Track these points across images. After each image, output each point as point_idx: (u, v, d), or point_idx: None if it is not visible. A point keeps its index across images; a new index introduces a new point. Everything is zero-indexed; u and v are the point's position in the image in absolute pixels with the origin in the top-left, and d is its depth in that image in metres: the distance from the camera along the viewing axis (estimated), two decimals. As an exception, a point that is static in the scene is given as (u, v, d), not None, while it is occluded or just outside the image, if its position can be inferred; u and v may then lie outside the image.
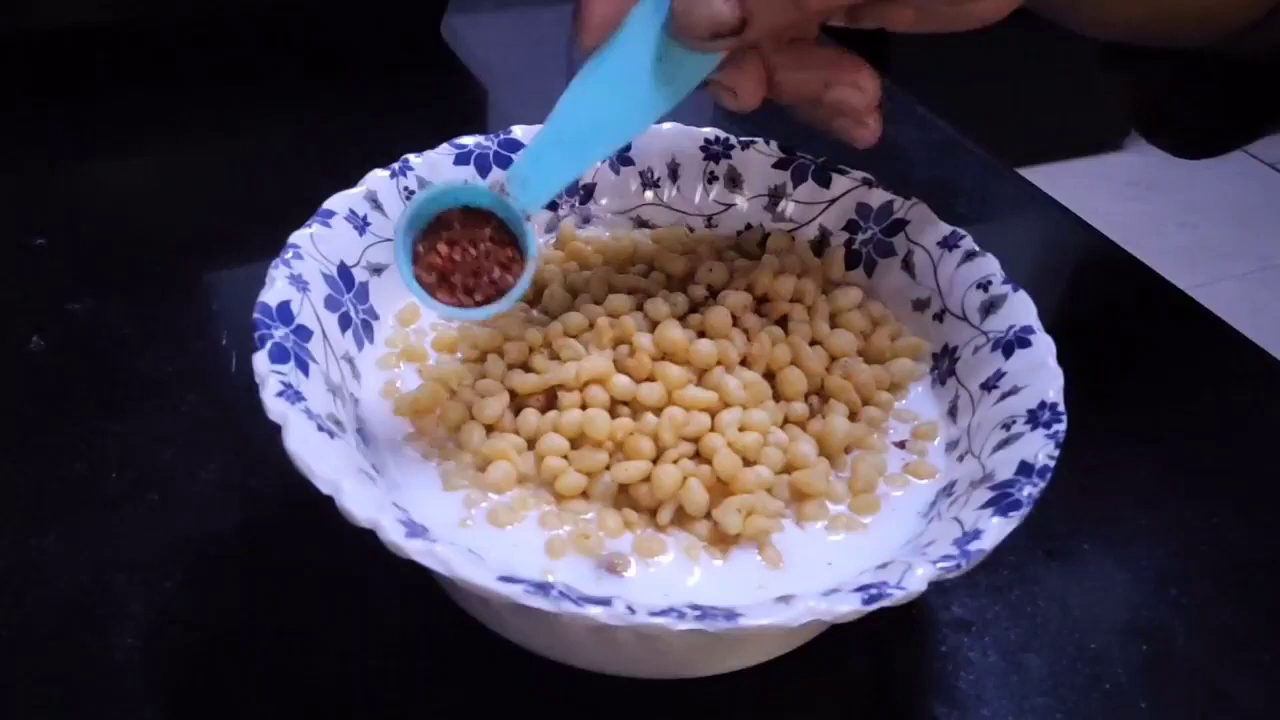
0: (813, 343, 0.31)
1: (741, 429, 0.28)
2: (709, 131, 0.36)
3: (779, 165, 0.35)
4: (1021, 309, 0.30)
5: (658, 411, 0.28)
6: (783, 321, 0.31)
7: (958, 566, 0.22)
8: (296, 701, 0.27)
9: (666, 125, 0.36)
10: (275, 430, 0.23)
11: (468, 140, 0.34)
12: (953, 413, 0.30)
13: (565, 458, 0.28)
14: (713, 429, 0.28)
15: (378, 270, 0.31)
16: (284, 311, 0.27)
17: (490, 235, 0.28)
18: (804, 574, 0.26)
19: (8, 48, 0.50)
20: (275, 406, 0.24)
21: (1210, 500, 0.35)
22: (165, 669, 0.27)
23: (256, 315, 0.26)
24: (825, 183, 0.35)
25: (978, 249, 0.32)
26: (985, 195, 0.52)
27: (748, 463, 0.28)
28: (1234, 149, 0.40)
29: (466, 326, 0.32)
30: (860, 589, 0.22)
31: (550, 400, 0.29)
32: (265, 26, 0.55)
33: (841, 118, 0.29)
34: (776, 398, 0.30)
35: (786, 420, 0.30)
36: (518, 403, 0.29)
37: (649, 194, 0.37)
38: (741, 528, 0.26)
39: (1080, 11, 0.31)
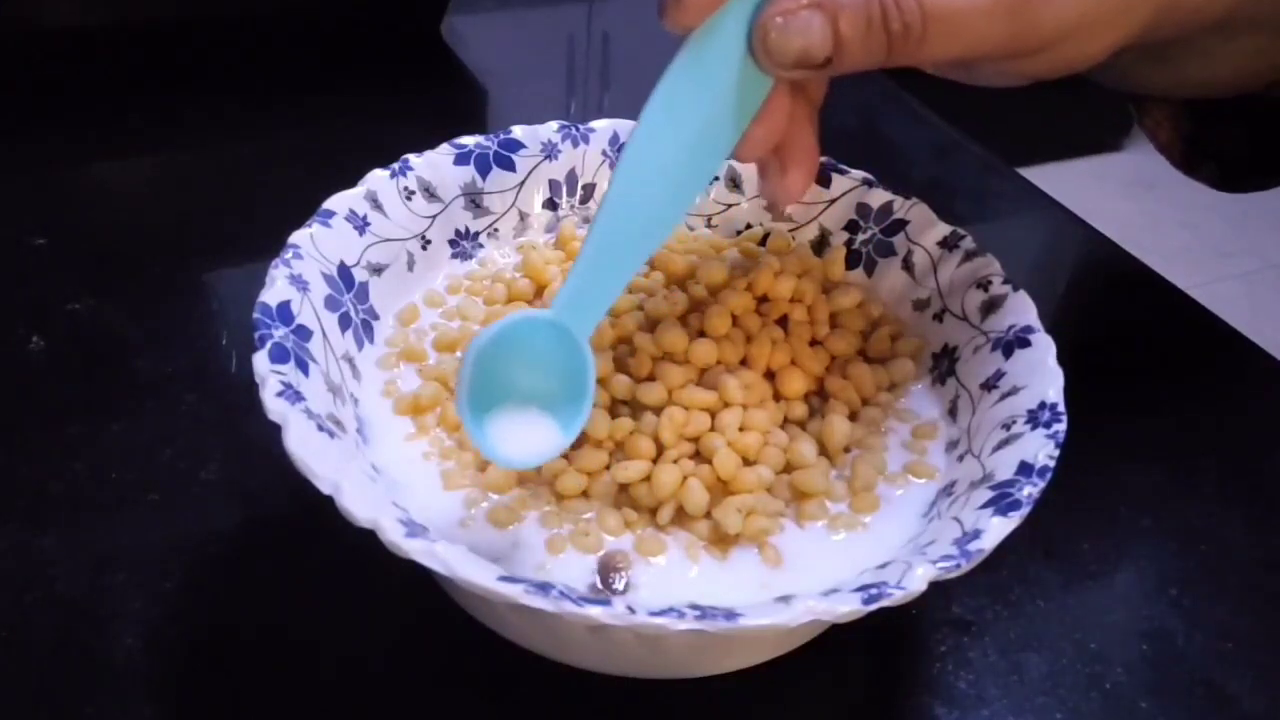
0: (813, 343, 0.31)
1: (741, 429, 0.28)
2: (709, 131, 0.36)
3: (779, 165, 0.35)
4: (1021, 309, 0.30)
5: (658, 411, 0.28)
6: (783, 321, 0.31)
7: (958, 566, 0.22)
8: (296, 701, 0.27)
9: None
10: (275, 430, 0.23)
11: (468, 140, 0.34)
12: (953, 413, 0.30)
13: (565, 457, 0.28)
14: (713, 429, 0.28)
15: (378, 270, 0.31)
16: (284, 311, 0.27)
17: None
18: (804, 574, 0.26)
19: (8, 48, 0.50)
20: (275, 406, 0.24)
21: (1210, 500, 0.35)
22: (165, 669, 0.27)
23: (256, 315, 0.26)
24: (825, 183, 0.35)
25: (978, 249, 0.32)
26: (985, 195, 0.52)
27: (748, 463, 0.28)
28: (1275, 186, 0.39)
29: (467, 326, 0.32)
30: (860, 589, 0.22)
31: (550, 400, 0.29)
32: (265, 26, 0.55)
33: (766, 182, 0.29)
34: (776, 398, 0.30)
35: (786, 420, 0.30)
36: (518, 402, 0.29)
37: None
38: (741, 528, 0.26)
39: (1126, 80, 0.32)
